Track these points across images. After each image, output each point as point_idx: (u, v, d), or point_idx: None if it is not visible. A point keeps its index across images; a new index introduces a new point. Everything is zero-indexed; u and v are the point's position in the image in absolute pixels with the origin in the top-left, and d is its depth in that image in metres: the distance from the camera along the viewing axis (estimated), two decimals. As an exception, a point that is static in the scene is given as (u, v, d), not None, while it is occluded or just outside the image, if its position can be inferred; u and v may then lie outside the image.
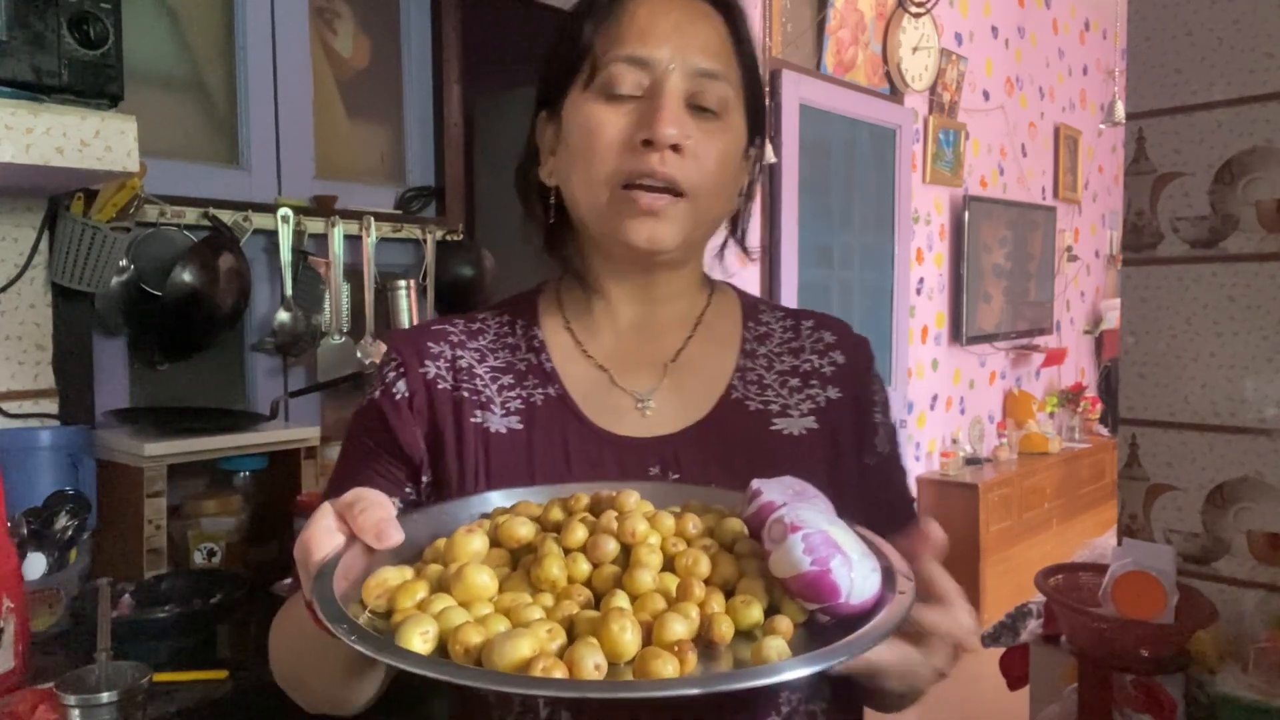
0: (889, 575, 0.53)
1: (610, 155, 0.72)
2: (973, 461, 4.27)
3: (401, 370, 0.78)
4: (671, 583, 0.53)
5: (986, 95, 4.47)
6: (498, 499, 0.65)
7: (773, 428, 0.78)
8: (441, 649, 0.47)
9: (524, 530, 0.57)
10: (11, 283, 1.54)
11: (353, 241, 2.05)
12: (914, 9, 3.77)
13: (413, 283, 2.16)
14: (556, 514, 0.59)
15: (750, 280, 3.24)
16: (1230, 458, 1.30)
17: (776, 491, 0.57)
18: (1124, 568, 1.17)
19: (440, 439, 0.76)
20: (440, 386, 0.77)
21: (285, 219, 1.90)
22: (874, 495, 0.80)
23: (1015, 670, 1.42)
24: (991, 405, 4.69)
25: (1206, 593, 1.24)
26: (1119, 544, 1.34)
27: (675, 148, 0.71)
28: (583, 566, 0.54)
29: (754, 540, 0.57)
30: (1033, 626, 1.66)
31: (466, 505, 0.65)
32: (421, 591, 0.50)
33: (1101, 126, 4.63)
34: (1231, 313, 1.30)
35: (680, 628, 0.48)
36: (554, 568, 0.53)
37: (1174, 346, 1.34)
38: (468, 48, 2.40)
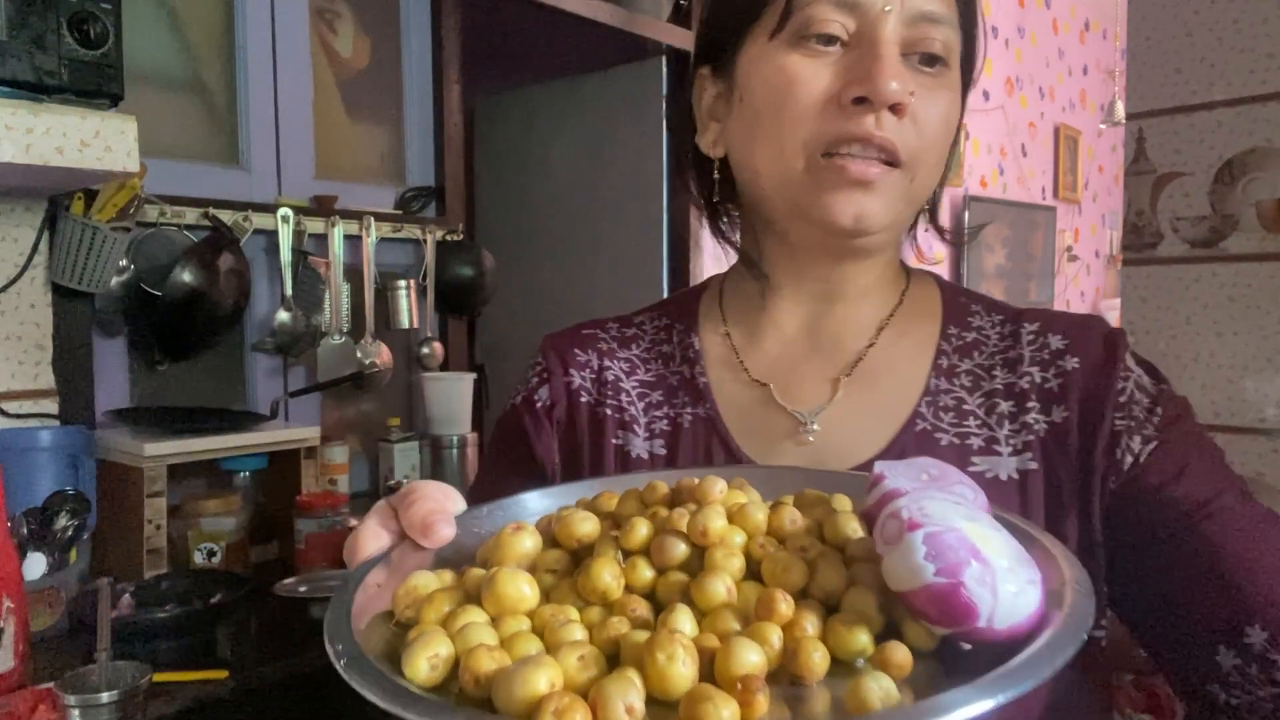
0: (1057, 590, 0.39)
1: (810, 116, 0.59)
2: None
3: (545, 376, 0.72)
4: (754, 596, 0.41)
5: (986, 95, 4.47)
6: (575, 493, 0.55)
7: (973, 469, 0.61)
8: (455, 675, 0.39)
9: (586, 527, 0.46)
10: (11, 283, 1.54)
11: (353, 241, 2.05)
12: (914, 9, 3.77)
13: (413, 283, 2.16)
14: (631, 508, 0.48)
15: (750, 280, 3.23)
16: (1230, 458, 1.30)
17: (905, 476, 0.44)
18: (1124, 568, 1.17)
19: (578, 456, 0.69)
20: (583, 399, 0.70)
21: (285, 219, 1.90)
22: (1148, 518, 0.59)
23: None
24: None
25: (1206, 593, 1.24)
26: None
27: (896, 108, 0.57)
28: (644, 573, 0.43)
29: (873, 541, 0.44)
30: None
31: (550, 495, 0.56)
32: (450, 603, 0.42)
33: (1101, 126, 4.63)
34: (1231, 313, 1.30)
35: (752, 657, 0.36)
36: (605, 574, 0.42)
37: (1174, 346, 1.34)
38: (468, 48, 2.40)
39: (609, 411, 0.69)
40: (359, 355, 2.05)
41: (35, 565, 1.34)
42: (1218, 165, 1.30)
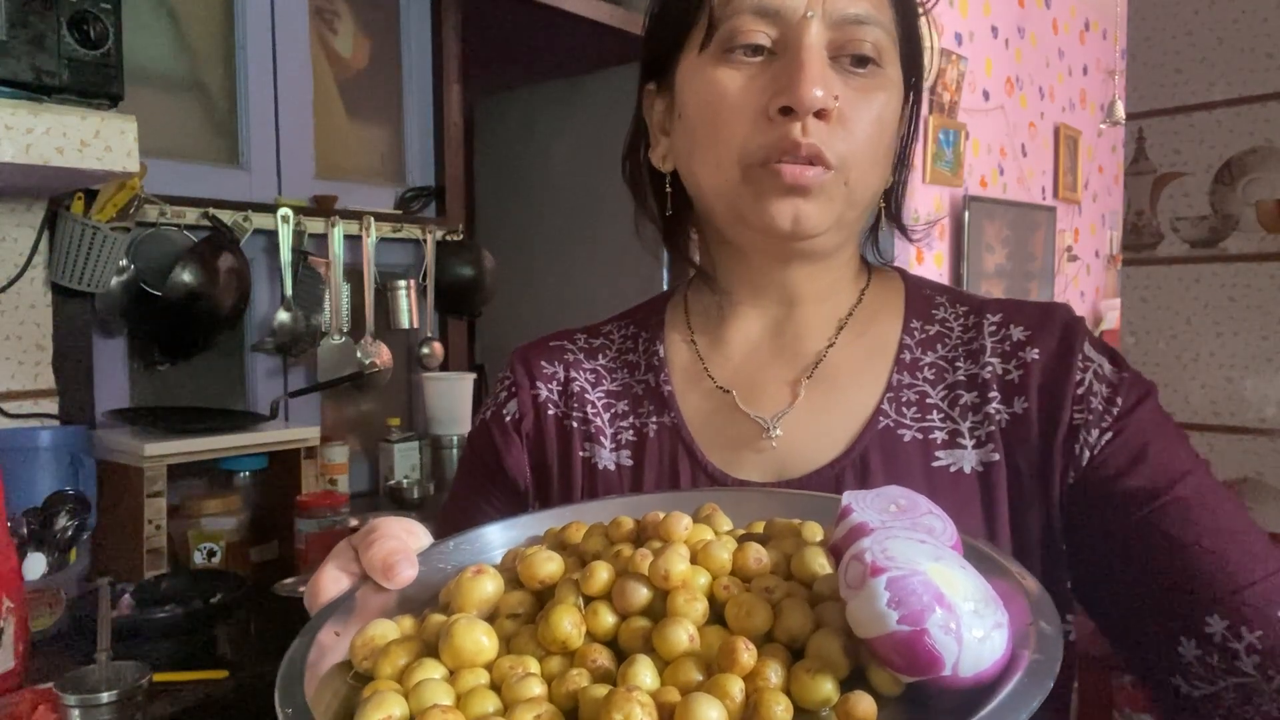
0: (1023, 631, 0.38)
1: (741, 127, 0.59)
2: (973, 461, 4.27)
3: (513, 389, 0.72)
4: (719, 641, 0.40)
5: (986, 95, 4.47)
6: (545, 521, 0.53)
7: (937, 464, 0.61)
8: None
9: (549, 568, 0.45)
10: (11, 283, 1.54)
11: (353, 241, 2.05)
12: (914, 9, 3.77)
13: (413, 283, 2.16)
14: (596, 544, 0.47)
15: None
16: (1230, 458, 1.30)
17: (873, 509, 0.43)
18: (1124, 568, 1.17)
19: (546, 470, 0.69)
20: (550, 412, 0.70)
21: (285, 219, 1.90)
22: (1105, 510, 0.59)
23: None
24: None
25: (1206, 593, 1.24)
26: (1119, 544, 1.34)
27: (821, 113, 0.57)
28: (606, 619, 0.42)
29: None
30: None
31: (517, 526, 0.54)
32: (406, 655, 0.41)
33: (1101, 126, 4.63)
34: (1231, 313, 1.30)
35: (712, 715, 0.35)
36: (564, 623, 0.41)
37: (1174, 346, 1.34)
38: (468, 48, 2.40)
39: (575, 424, 0.69)
40: (359, 355, 2.05)
41: (35, 565, 1.34)
42: (1218, 165, 1.30)
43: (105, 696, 0.99)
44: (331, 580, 0.47)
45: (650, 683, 0.38)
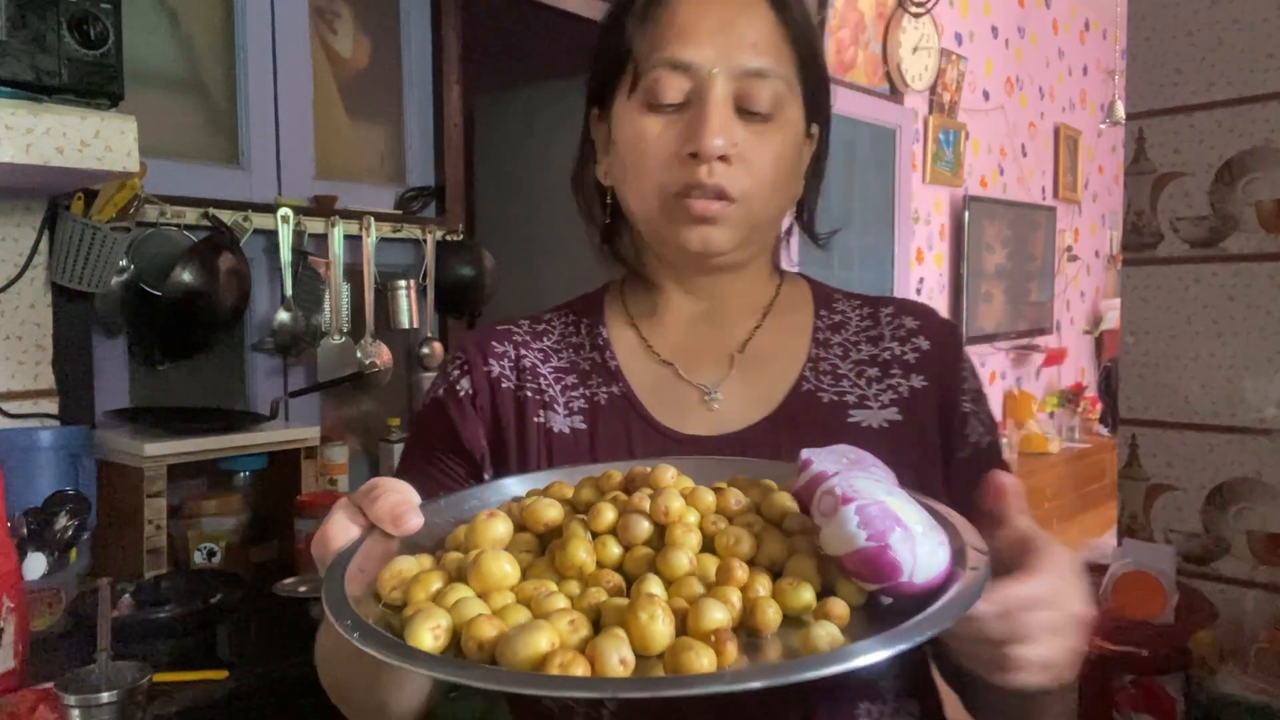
0: (960, 550, 0.47)
1: (658, 167, 0.70)
2: (973, 461, 4.26)
3: (465, 368, 0.78)
4: (711, 565, 0.48)
5: (986, 95, 4.47)
6: (527, 483, 0.61)
7: (850, 420, 0.74)
8: (457, 645, 0.43)
9: (551, 513, 0.52)
10: (11, 283, 1.54)
11: (353, 241, 2.05)
12: (914, 9, 3.78)
13: (413, 283, 2.16)
14: (588, 494, 0.54)
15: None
16: (1230, 458, 1.30)
17: (829, 461, 0.52)
18: (1124, 568, 1.17)
19: (503, 438, 0.75)
20: (504, 386, 0.77)
21: (285, 219, 1.90)
22: (972, 494, 0.76)
23: (1015, 670, 1.41)
24: (992, 405, 4.69)
25: (1206, 593, 1.24)
26: (1119, 544, 1.34)
27: (723, 157, 0.69)
28: (613, 550, 0.49)
29: (805, 516, 0.52)
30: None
31: (496, 489, 0.61)
32: (437, 582, 0.47)
33: (1101, 126, 4.63)
34: (1231, 313, 1.30)
35: (719, 615, 0.43)
36: (580, 551, 0.48)
37: (1174, 346, 1.34)
38: (468, 48, 2.39)
39: (530, 394, 0.76)
40: (359, 355, 2.05)
41: (35, 565, 1.34)
42: (1218, 165, 1.30)
43: (105, 696, 0.98)
44: (341, 528, 0.52)
45: (662, 595, 0.45)
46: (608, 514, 0.50)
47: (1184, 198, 1.33)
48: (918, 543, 0.45)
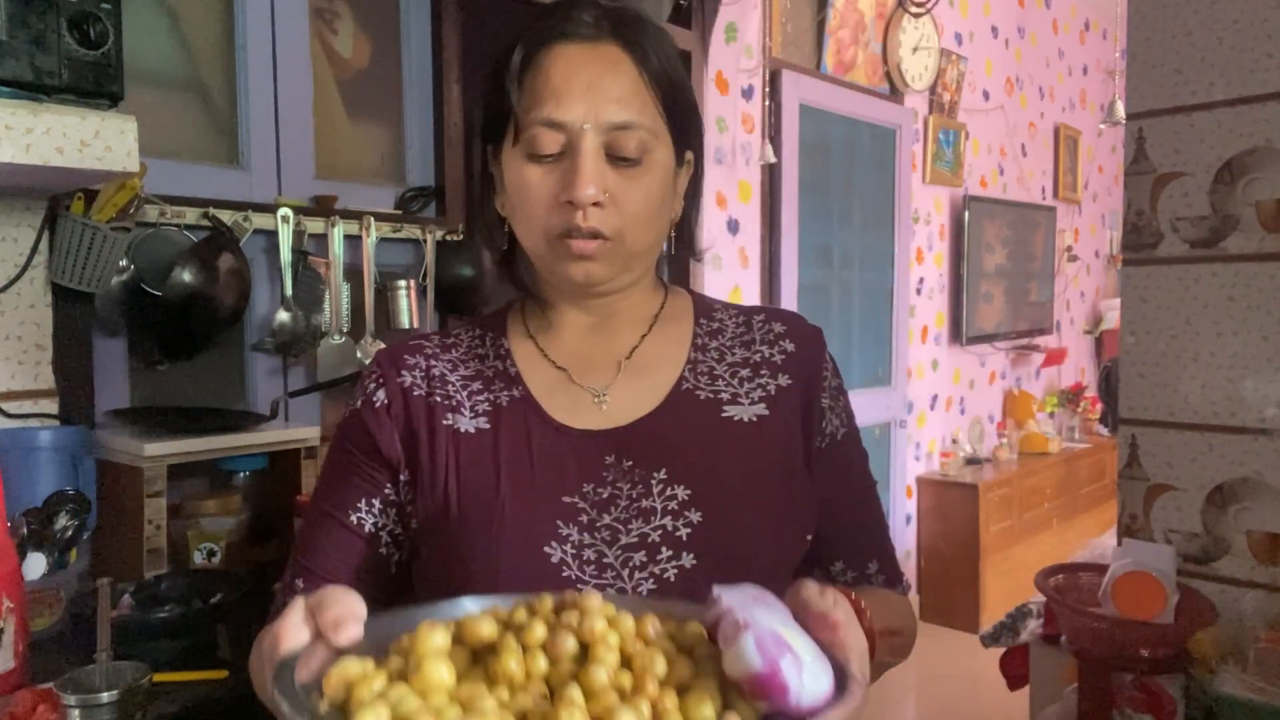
0: (841, 677, 0.54)
1: (540, 212, 0.79)
2: (973, 461, 4.27)
3: (381, 380, 0.85)
4: (628, 681, 0.54)
5: (986, 95, 4.47)
6: (469, 605, 0.66)
7: (724, 415, 0.84)
8: None
9: (487, 629, 0.57)
10: (11, 283, 1.55)
11: (353, 241, 2.05)
12: (914, 9, 3.78)
13: (413, 283, 2.16)
14: (521, 616, 0.60)
15: (751, 280, 3.23)
16: (1230, 458, 1.30)
17: (736, 597, 0.59)
18: (1124, 568, 1.17)
19: (415, 440, 0.82)
20: (415, 393, 0.84)
21: (285, 219, 1.90)
22: (831, 478, 0.87)
23: (1015, 670, 1.42)
24: (991, 405, 4.69)
25: (1206, 593, 1.24)
26: (1119, 544, 1.34)
27: (597, 203, 0.77)
28: (540, 663, 0.55)
29: (714, 644, 0.58)
30: (1033, 626, 1.66)
31: (436, 609, 0.66)
32: (379, 682, 0.51)
33: (1101, 126, 4.63)
34: (1231, 313, 1.30)
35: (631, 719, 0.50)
36: (511, 661, 0.54)
37: (1174, 346, 1.34)
38: (468, 48, 2.39)
39: (439, 399, 0.84)
40: (359, 355, 2.05)
41: (35, 565, 1.34)
42: (1218, 165, 1.30)
43: (105, 696, 0.99)
44: (294, 629, 0.56)
45: (580, 702, 0.51)
46: (539, 630, 0.56)
47: (1184, 198, 1.33)
48: (805, 669, 0.52)
